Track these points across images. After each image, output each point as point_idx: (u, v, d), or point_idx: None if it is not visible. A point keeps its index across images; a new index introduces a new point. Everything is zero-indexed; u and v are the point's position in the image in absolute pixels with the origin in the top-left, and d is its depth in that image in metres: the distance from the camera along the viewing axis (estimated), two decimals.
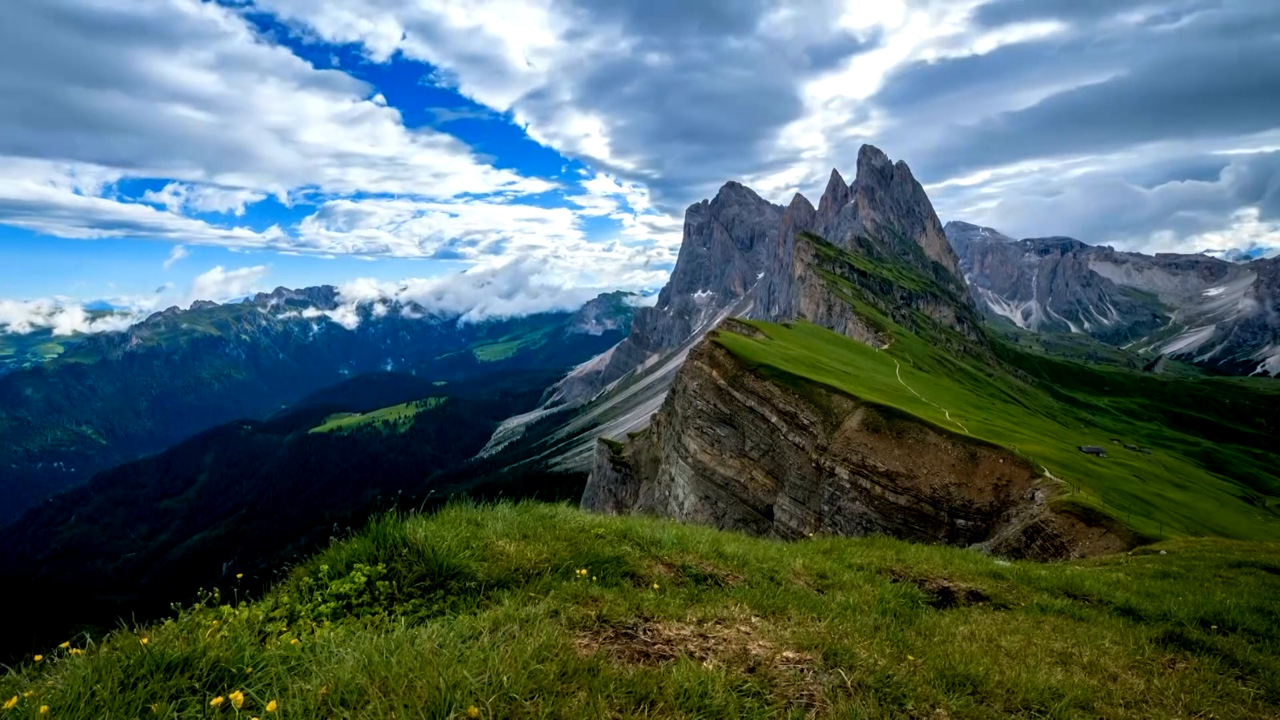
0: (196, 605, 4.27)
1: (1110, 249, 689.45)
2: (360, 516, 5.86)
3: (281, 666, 3.02)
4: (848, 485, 47.29)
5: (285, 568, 5.32)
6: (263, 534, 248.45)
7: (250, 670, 2.97)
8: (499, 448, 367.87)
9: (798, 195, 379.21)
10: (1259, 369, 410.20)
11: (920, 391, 74.09)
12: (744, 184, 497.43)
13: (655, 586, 5.26)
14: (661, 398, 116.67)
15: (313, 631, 3.84)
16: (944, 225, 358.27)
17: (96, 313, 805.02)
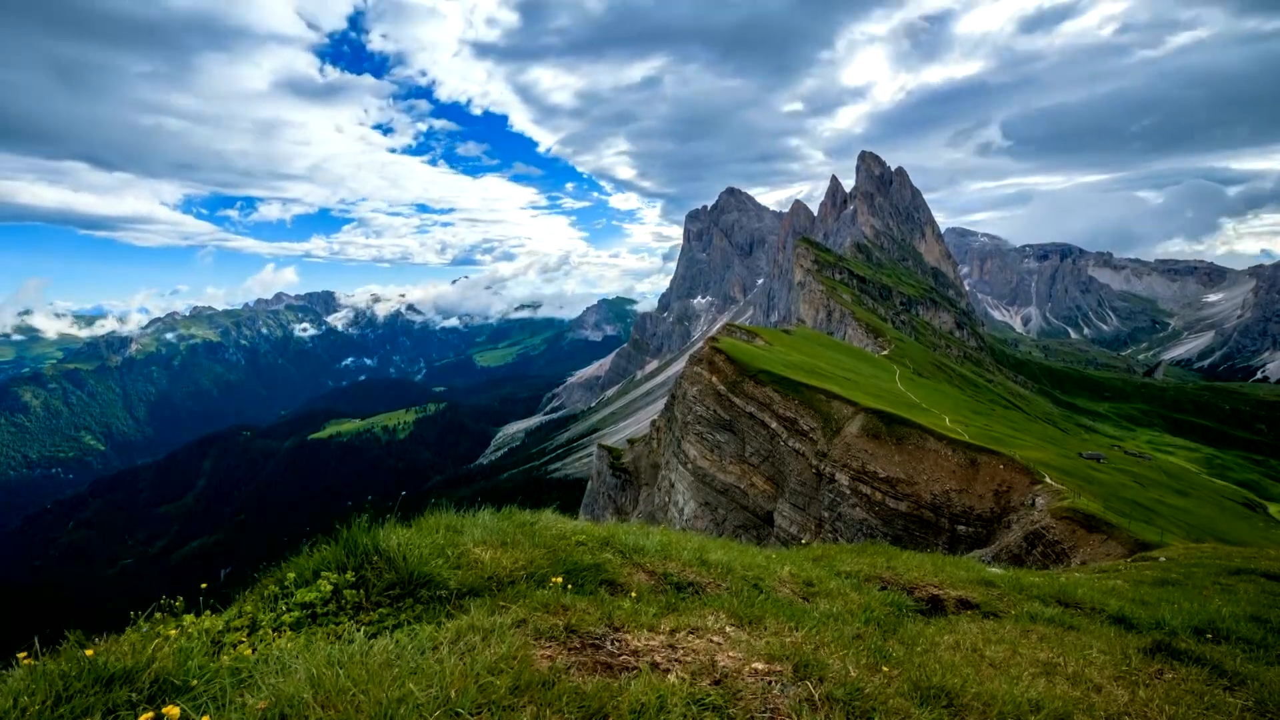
0: (157, 614, 4.16)
1: (1109, 255, 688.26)
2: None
3: (230, 679, 2.90)
4: (848, 491, 47.06)
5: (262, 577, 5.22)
6: (261, 540, 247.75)
7: (195, 683, 2.84)
8: (498, 453, 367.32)
9: (797, 202, 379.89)
10: (1259, 375, 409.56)
11: (920, 397, 73.92)
12: (744, 190, 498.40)
13: (633, 595, 5.14)
14: (661, 403, 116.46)
15: (272, 642, 3.72)
16: (943, 231, 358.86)
17: (92, 318, 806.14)
